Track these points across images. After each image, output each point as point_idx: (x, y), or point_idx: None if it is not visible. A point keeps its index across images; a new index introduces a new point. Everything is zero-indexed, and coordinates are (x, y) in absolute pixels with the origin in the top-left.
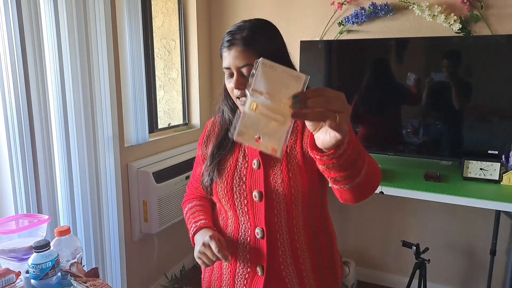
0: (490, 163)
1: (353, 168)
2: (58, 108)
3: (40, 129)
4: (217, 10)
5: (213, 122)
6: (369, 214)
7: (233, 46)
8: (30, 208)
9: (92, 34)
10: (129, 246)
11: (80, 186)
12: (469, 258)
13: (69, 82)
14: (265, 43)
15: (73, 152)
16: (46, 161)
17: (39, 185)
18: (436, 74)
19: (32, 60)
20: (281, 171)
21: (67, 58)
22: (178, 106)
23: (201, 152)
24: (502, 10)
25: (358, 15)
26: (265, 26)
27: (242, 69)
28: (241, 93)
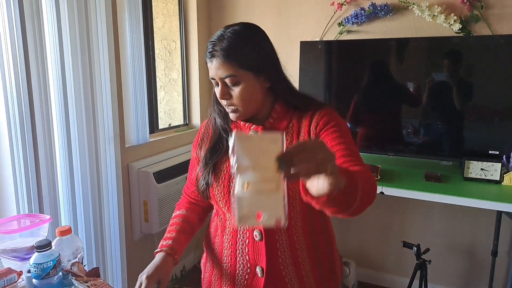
0: (491, 164)
1: (347, 202)
2: (59, 108)
3: (41, 129)
4: (217, 11)
5: (207, 124)
6: (369, 214)
7: (214, 58)
8: (31, 208)
9: (93, 35)
10: (129, 246)
11: (81, 186)
12: (470, 259)
13: (70, 82)
14: (247, 52)
15: (74, 152)
16: (48, 161)
17: (40, 185)
18: (436, 74)
19: (33, 60)
20: None
21: (68, 59)
22: (178, 106)
23: (195, 154)
24: (502, 10)
25: (358, 16)
26: (248, 33)
27: (225, 80)
28: (228, 103)
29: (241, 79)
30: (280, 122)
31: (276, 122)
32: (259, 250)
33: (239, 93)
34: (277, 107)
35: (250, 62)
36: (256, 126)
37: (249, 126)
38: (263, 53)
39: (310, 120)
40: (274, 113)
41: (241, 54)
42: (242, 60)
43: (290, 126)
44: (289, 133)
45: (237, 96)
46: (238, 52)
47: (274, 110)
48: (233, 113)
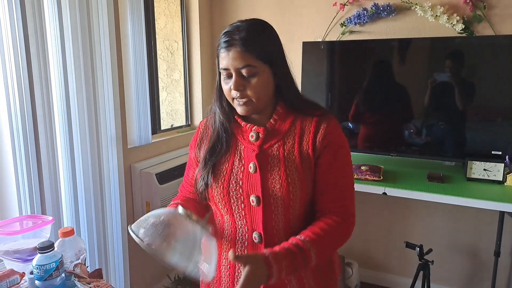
0: (493, 164)
1: (300, 270)
2: (61, 110)
3: (44, 131)
4: (219, 11)
5: (206, 124)
6: (372, 215)
7: (232, 46)
8: (34, 209)
9: (96, 36)
10: (132, 247)
11: (84, 187)
12: (473, 259)
13: (72, 83)
14: (264, 44)
15: (77, 153)
16: (50, 162)
17: (43, 186)
18: (439, 75)
19: (35, 61)
20: (280, 176)
21: (70, 60)
22: (180, 107)
23: (193, 155)
24: (505, 10)
25: (360, 16)
26: (263, 26)
27: (241, 70)
28: (241, 94)
29: (258, 70)
30: (282, 123)
31: (278, 123)
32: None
33: (255, 84)
34: (279, 108)
35: (267, 54)
36: (258, 127)
37: (250, 127)
38: (277, 49)
39: (316, 128)
40: (276, 114)
41: (259, 45)
42: (260, 51)
43: (292, 128)
44: (290, 135)
45: (252, 87)
46: (257, 43)
47: (276, 111)
48: (244, 105)
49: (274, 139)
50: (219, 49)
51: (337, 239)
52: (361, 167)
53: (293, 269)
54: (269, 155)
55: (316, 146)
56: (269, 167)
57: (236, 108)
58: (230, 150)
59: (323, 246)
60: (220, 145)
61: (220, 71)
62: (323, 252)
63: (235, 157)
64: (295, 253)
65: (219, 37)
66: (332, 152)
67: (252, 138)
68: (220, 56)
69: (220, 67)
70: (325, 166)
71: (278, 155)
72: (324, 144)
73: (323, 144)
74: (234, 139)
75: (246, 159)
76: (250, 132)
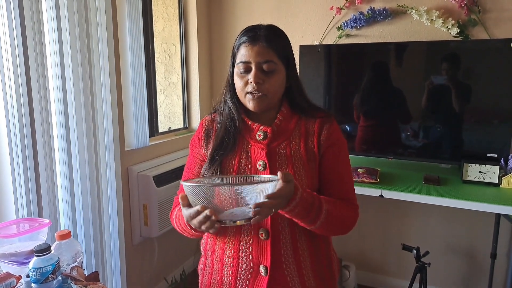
0: (489, 166)
1: (307, 218)
2: (59, 112)
3: (41, 133)
4: (217, 15)
5: (210, 121)
6: (369, 217)
7: (257, 41)
8: (31, 212)
9: (94, 38)
10: (129, 250)
11: (81, 190)
12: (469, 262)
13: (70, 86)
14: (283, 45)
15: (74, 156)
16: (47, 165)
17: (40, 188)
18: (435, 77)
19: (33, 62)
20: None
21: (68, 62)
22: (178, 110)
23: (198, 152)
24: (499, 14)
25: (357, 20)
26: (281, 31)
27: (263, 65)
28: (258, 88)
29: (277, 68)
30: (287, 123)
31: (283, 123)
32: (264, 249)
33: (273, 80)
34: (283, 108)
35: (285, 54)
36: (265, 127)
37: (257, 126)
38: (292, 52)
39: (320, 129)
40: (280, 114)
41: (279, 45)
42: (281, 51)
43: (297, 128)
44: (296, 134)
45: (270, 82)
46: (278, 43)
47: (280, 111)
48: (258, 99)
49: (281, 138)
50: (240, 43)
51: (346, 215)
52: (358, 170)
53: (306, 210)
54: (277, 153)
55: (321, 145)
56: (277, 165)
57: (247, 103)
58: (236, 147)
59: (334, 211)
60: (228, 141)
61: (236, 65)
62: (333, 217)
63: (241, 155)
64: (314, 197)
65: (238, 35)
66: (335, 151)
67: (260, 137)
68: (240, 50)
69: (239, 61)
70: (329, 164)
71: (286, 153)
72: (328, 144)
73: (327, 143)
74: (241, 137)
75: (254, 157)
76: (257, 131)
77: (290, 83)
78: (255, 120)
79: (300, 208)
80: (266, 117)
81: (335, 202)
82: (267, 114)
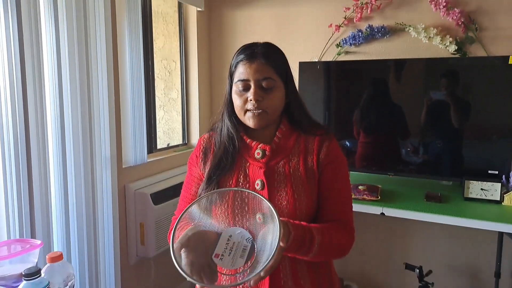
0: (491, 184)
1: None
2: (55, 128)
3: (36, 149)
4: (217, 32)
5: (208, 139)
6: (371, 235)
7: (255, 59)
8: (23, 232)
9: (93, 53)
10: (125, 271)
11: (76, 208)
12: (473, 281)
13: (67, 101)
14: (281, 62)
15: (69, 173)
16: (41, 182)
17: (33, 208)
18: (434, 93)
19: (30, 76)
20: (286, 192)
21: (66, 77)
22: (177, 126)
23: (196, 171)
24: (496, 32)
25: (355, 37)
26: (278, 48)
27: (262, 82)
28: (258, 105)
29: (276, 84)
30: (287, 140)
31: (282, 141)
32: None
33: (272, 96)
34: (282, 126)
35: (283, 72)
36: (264, 145)
37: (256, 145)
38: (290, 69)
39: (319, 146)
40: (279, 132)
41: (277, 61)
42: (278, 66)
43: (296, 145)
44: (295, 152)
45: (270, 99)
46: (276, 59)
47: (279, 129)
48: (258, 116)
49: (279, 156)
50: (238, 61)
51: (340, 242)
52: (358, 187)
53: (297, 246)
54: (276, 172)
55: (320, 163)
56: (276, 184)
57: (247, 120)
58: (234, 166)
59: (327, 241)
60: (226, 160)
61: (235, 83)
62: (326, 247)
63: (239, 174)
64: (305, 231)
65: (235, 53)
66: (334, 169)
67: (258, 156)
68: (238, 69)
69: (237, 79)
70: (327, 181)
71: (284, 172)
72: (327, 161)
73: (326, 160)
74: (239, 156)
75: (252, 176)
76: (255, 149)
77: (289, 99)
78: (253, 137)
79: (290, 246)
80: (264, 135)
81: (329, 229)
82: (266, 131)
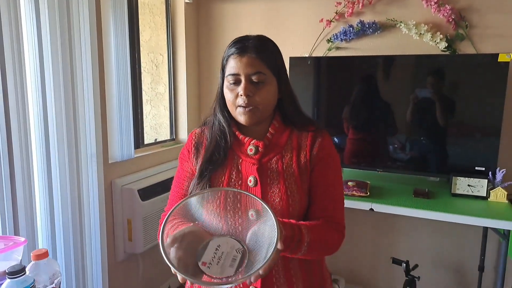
0: (477, 180)
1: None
2: (38, 123)
3: (18, 144)
4: (205, 25)
5: (200, 134)
6: (358, 231)
7: (246, 52)
8: (6, 229)
9: (77, 46)
10: (112, 267)
11: (61, 205)
12: (458, 275)
13: (51, 95)
14: (273, 56)
15: (54, 169)
16: (24, 178)
17: (16, 204)
18: (421, 91)
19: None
20: (279, 189)
21: (49, 71)
22: (165, 121)
23: (188, 166)
24: (485, 30)
25: (346, 33)
26: (271, 41)
27: (252, 76)
28: (248, 101)
29: (267, 79)
30: (279, 137)
31: (275, 137)
32: None
33: (264, 91)
34: (275, 122)
35: (275, 66)
36: (257, 141)
37: (249, 141)
38: (283, 64)
39: (312, 142)
40: (272, 128)
41: (269, 55)
42: (270, 61)
43: (289, 142)
44: (288, 148)
45: (261, 94)
46: (268, 54)
47: (272, 125)
48: (250, 113)
49: (272, 152)
50: (228, 55)
51: (330, 240)
52: (348, 183)
53: (287, 244)
54: (268, 168)
55: (312, 158)
56: (269, 181)
57: (238, 116)
58: (226, 162)
59: (316, 239)
60: (218, 155)
61: (226, 77)
62: (315, 246)
63: (231, 170)
64: (294, 229)
65: (227, 46)
66: (326, 164)
67: (251, 152)
68: (229, 63)
69: (228, 73)
70: (318, 177)
71: (277, 168)
72: (319, 157)
73: (318, 156)
74: (231, 152)
75: (245, 173)
76: (248, 145)
77: (282, 95)
78: (246, 133)
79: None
80: (257, 131)
81: (318, 227)
82: (258, 127)
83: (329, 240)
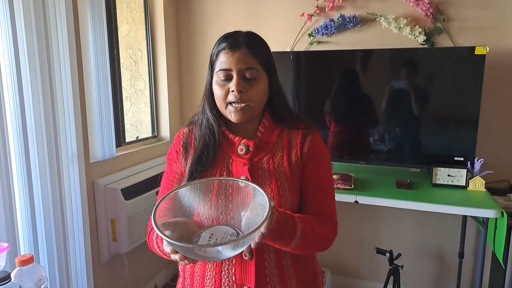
0: (457, 170)
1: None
2: (16, 123)
3: None
4: (185, 20)
5: (188, 133)
6: (343, 222)
7: (238, 48)
8: None
9: (54, 43)
10: (97, 269)
11: (42, 208)
12: (439, 262)
13: (28, 94)
14: (265, 53)
15: (34, 170)
16: (4, 181)
17: None
18: (398, 82)
19: None
20: (271, 189)
21: (25, 69)
22: (146, 118)
23: (177, 167)
24: (462, 23)
25: (327, 27)
26: (261, 38)
27: (245, 72)
28: (240, 98)
29: (259, 75)
30: (269, 135)
31: (265, 135)
32: (247, 270)
33: (256, 88)
34: (264, 120)
35: (267, 63)
36: (247, 140)
37: (239, 140)
38: (273, 61)
39: (302, 140)
40: (262, 126)
41: (261, 52)
42: (262, 58)
43: (279, 140)
44: (279, 147)
45: (253, 90)
46: (260, 50)
47: (262, 123)
48: (241, 110)
49: (263, 151)
50: (219, 50)
51: (322, 234)
52: (332, 176)
53: (279, 232)
54: (260, 168)
55: (303, 157)
56: (261, 181)
57: (229, 114)
58: (216, 161)
59: (309, 231)
60: (207, 155)
61: (216, 73)
62: (308, 237)
63: (222, 171)
64: (287, 218)
65: (216, 42)
66: (316, 162)
67: (241, 152)
68: (219, 57)
69: (218, 69)
70: (309, 175)
71: (269, 168)
72: (310, 155)
73: (309, 154)
74: (221, 152)
75: (236, 173)
76: (238, 145)
77: (272, 92)
78: (235, 131)
79: (272, 231)
80: (247, 129)
81: (312, 220)
82: (248, 125)
83: (322, 235)
